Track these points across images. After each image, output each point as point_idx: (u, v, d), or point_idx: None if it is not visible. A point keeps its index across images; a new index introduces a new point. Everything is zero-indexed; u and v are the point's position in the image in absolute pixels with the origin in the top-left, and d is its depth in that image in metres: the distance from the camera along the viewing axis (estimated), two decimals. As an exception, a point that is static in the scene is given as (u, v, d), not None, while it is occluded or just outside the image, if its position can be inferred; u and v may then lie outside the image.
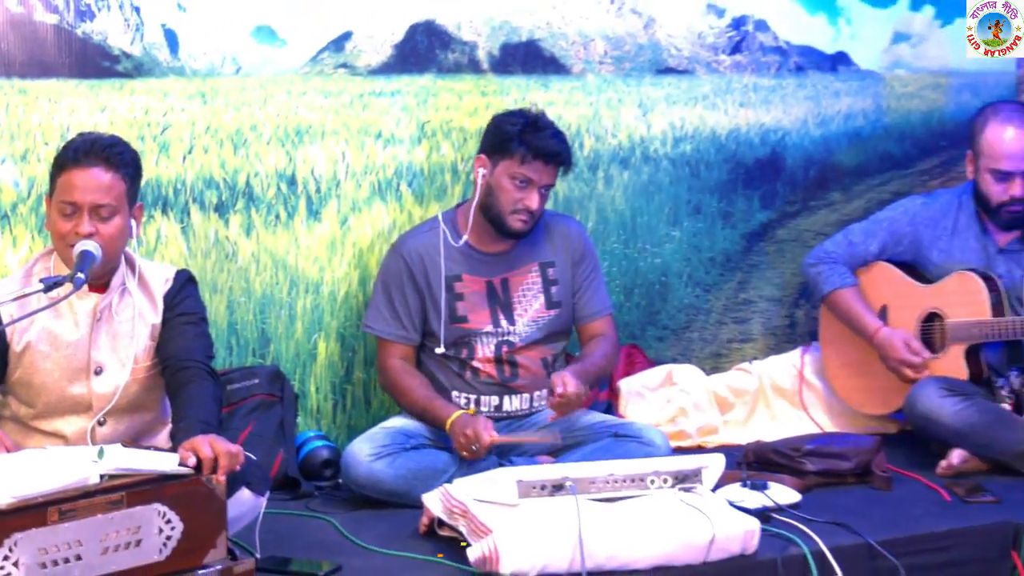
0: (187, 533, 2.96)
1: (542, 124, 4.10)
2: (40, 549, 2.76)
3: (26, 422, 3.49)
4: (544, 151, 4.04)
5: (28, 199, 4.05)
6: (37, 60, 4.06)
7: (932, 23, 5.59)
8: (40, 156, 4.00)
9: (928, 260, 4.74)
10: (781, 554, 3.59)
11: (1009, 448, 4.33)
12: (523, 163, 4.03)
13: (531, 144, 4.02)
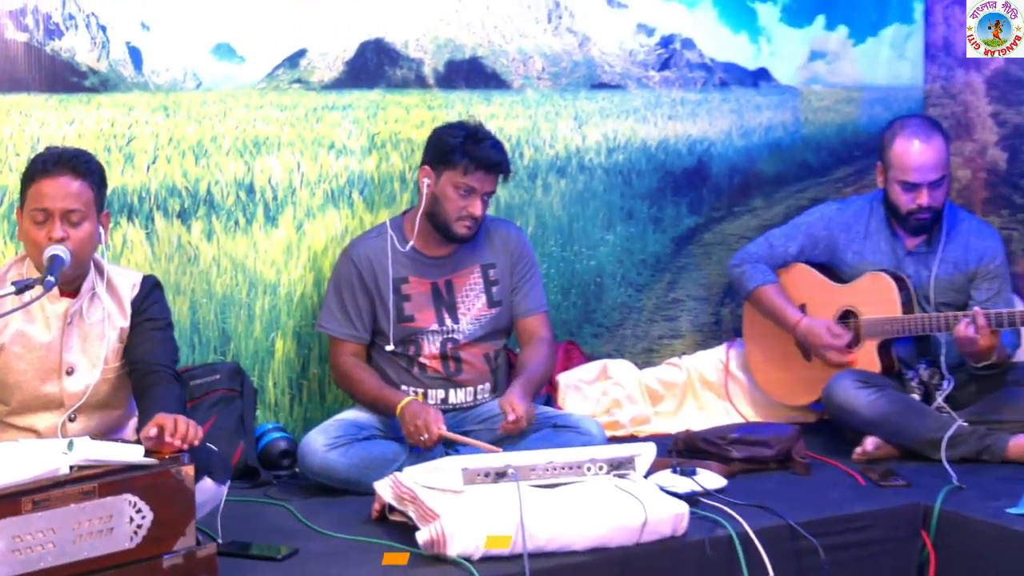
0: (157, 522, 2.95)
1: (482, 135, 4.10)
2: (15, 537, 2.74)
3: (0, 418, 3.47)
4: (485, 161, 4.05)
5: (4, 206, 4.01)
6: (8, 76, 4.03)
7: (846, 42, 5.62)
8: (12, 167, 3.97)
9: (843, 261, 4.78)
10: (709, 535, 3.60)
11: (918, 435, 4.37)
12: (466, 173, 4.03)
13: (472, 155, 4.03)
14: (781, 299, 4.78)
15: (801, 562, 3.72)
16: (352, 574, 3.31)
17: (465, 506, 3.37)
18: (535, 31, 4.97)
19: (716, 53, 5.35)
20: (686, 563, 3.58)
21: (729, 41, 5.36)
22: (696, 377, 5.13)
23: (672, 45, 5.25)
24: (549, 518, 3.40)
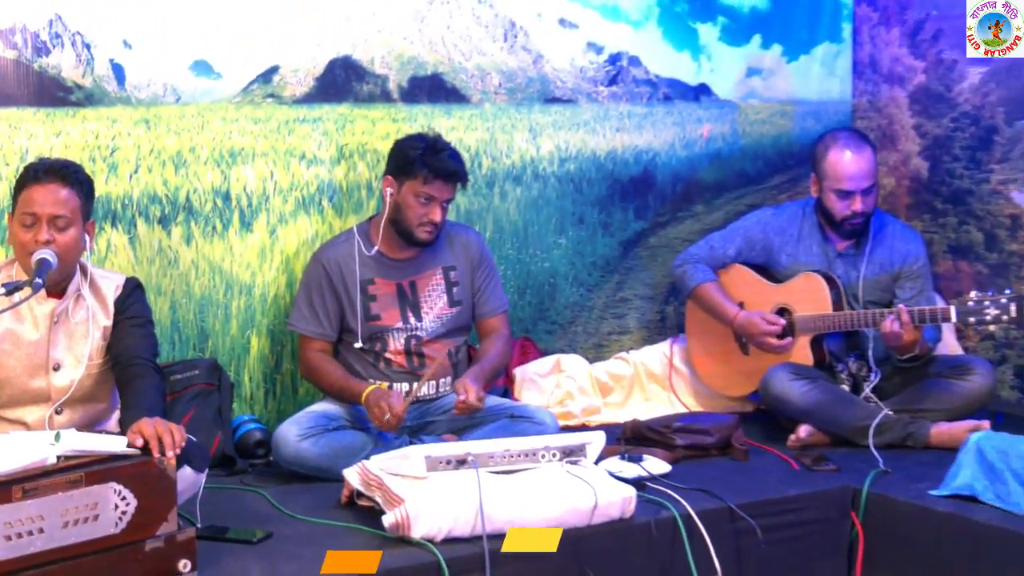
0: (140, 509, 2.94)
1: (440, 147, 4.10)
2: (5, 524, 2.73)
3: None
4: (443, 171, 4.05)
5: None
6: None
7: (780, 59, 5.64)
8: (1, 176, 3.95)
9: (777, 263, 4.80)
10: (655, 517, 3.62)
11: (848, 423, 4.40)
12: (425, 183, 4.03)
13: (431, 166, 4.03)
14: (720, 295, 4.80)
15: (740, 542, 3.74)
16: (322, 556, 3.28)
17: (428, 491, 3.38)
18: (492, 49, 4.97)
19: (660, 70, 5.37)
20: (634, 543, 3.59)
21: (672, 59, 5.38)
22: (642, 370, 5.14)
23: (619, 62, 5.27)
24: (506, 502, 3.41)
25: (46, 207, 3.30)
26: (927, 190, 5.56)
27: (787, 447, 4.41)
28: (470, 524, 3.34)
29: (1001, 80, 5.25)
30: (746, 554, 3.75)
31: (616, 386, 5.08)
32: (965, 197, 5.41)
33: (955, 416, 4.41)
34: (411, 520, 3.31)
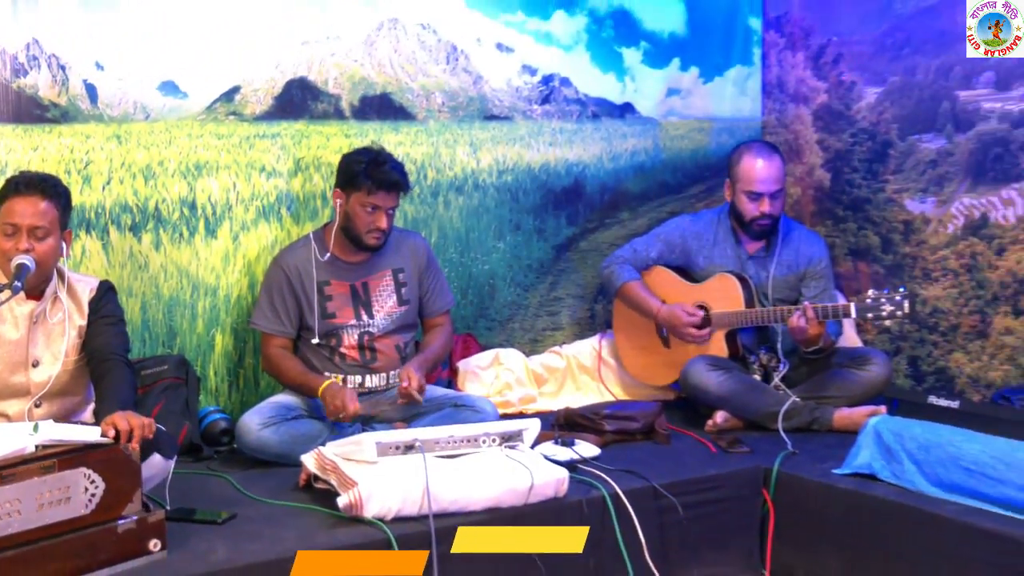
0: (108, 491, 2.93)
1: (382, 160, 4.09)
2: None
3: None
4: (386, 182, 4.05)
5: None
6: None
7: (697, 81, 5.67)
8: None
9: (695, 264, 4.81)
10: (586, 496, 3.62)
11: (759, 410, 4.42)
12: (370, 194, 4.03)
13: (375, 178, 4.02)
14: (644, 292, 4.81)
15: (663, 518, 3.75)
16: (283, 534, 3.27)
17: (379, 474, 3.36)
18: (436, 71, 4.96)
19: (589, 90, 5.38)
20: (567, 521, 3.57)
21: (599, 80, 5.39)
22: (574, 363, 5.14)
23: (552, 83, 5.27)
24: (451, 484, 3.40)
25: (26, 218, 3.28)
26: (829, 199, 5.61)
27: (705, 431, 4.42)
28: (417, 504, 3.34)
29: (895, 99, 5.30)
30: (669, 529, 3.76)
31: (550, 377, 5.08)
32: (863, 205, 5.46)
33: (855, 402, 4.45)
34: (363, 501, 3.30)
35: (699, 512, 3.83)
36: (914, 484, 3.69)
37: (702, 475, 3.91)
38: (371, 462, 3.42)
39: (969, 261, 5.03)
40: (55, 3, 4.05)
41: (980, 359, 4.99)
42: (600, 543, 3.62)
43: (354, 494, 3.32)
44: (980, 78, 4.95)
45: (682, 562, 3.79)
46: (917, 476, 3.69)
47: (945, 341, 5.13)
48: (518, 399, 4.84)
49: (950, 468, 3.62)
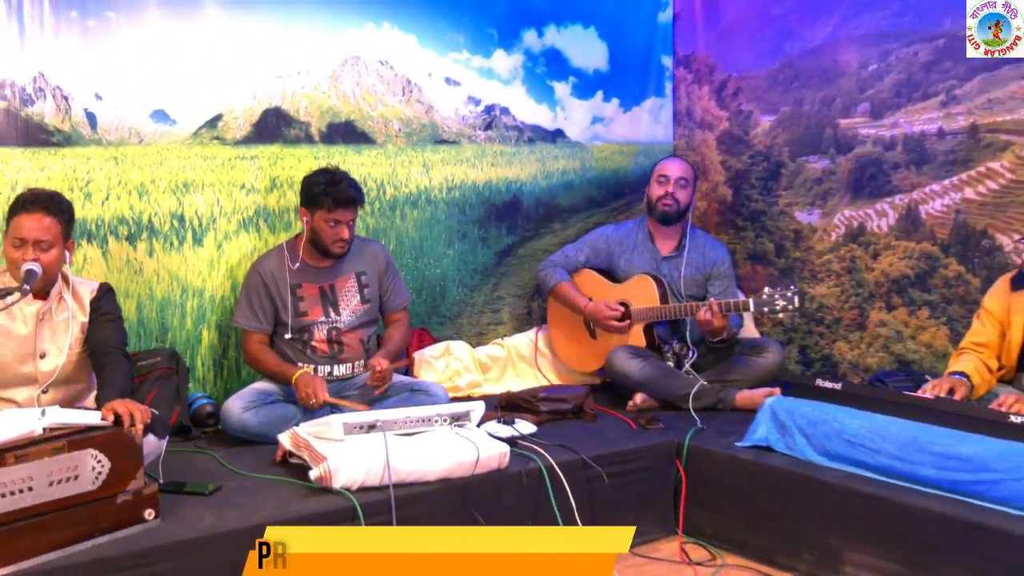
0: (113, 469, 2.92)
1: (338, 179, 4.08)
2: (1, 484, 2.69)
3: None
4: (343, 199, 4.04)
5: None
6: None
7: (618, 110, 5.69)
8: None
9: (617, 267, 4.85)
10: (524, 468, 3.63)
11: (673, 392, 4.45)
12: (331, 211, 4.03)
13: (334, 197, 4.02)
14: (573, 291, 4.83)
15: (591, 485, 3.76)
16: (261, 503, 3.25)
17: (345, 451, 3.36)
18: (393, 102, 4.95)
19: (525, 118, 5.38)
20: (508, 489, 3.59)
21: (534, 109, 5.40)
22: (514, 353, 5.15)
23: (493, 112, 5.27)
24: (408, 458, 3.40)
25: (32, 232, 3.28)
26: (731, 211, 5.65)
27: (626, 411, 4.45)
28: (379, 476, 3.34)
29: (786, 126, 5.36)
30: (596, 495, 3.77)
31: (493, 365, 5.08)
32: (759, 216, 5.51)
33: (754, 385, 4.49)
34: (332, 473, 3.30)
35: (622, 480, 3.85)
36: (804, 454, 3.73)
37: (624, 448, 3.93)
38: (338, 440, 3.42)
39: (849, 264, 5.10)
40: (59, 40, 4.01)
41: (859, 347, 5.05)
42: (537, 508, 3.62)
43: (324, 468, 3.32)
44: (858, 108, 5.01)
45: (607, 524, 3.80)
46: (807, 448, 3.73)
47: (829, 332, 5.19)
48: (466, 384, 4.84)
49: (834, 440, 3.66)
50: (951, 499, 3.31)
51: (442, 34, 5.04)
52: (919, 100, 4.78)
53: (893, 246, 4.90)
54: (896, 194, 4.88)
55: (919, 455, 3.42)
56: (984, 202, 4.56)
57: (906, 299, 4.85)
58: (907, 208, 4.84)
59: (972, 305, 4.50)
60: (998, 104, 4.49)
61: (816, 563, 3.60)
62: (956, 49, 4.61)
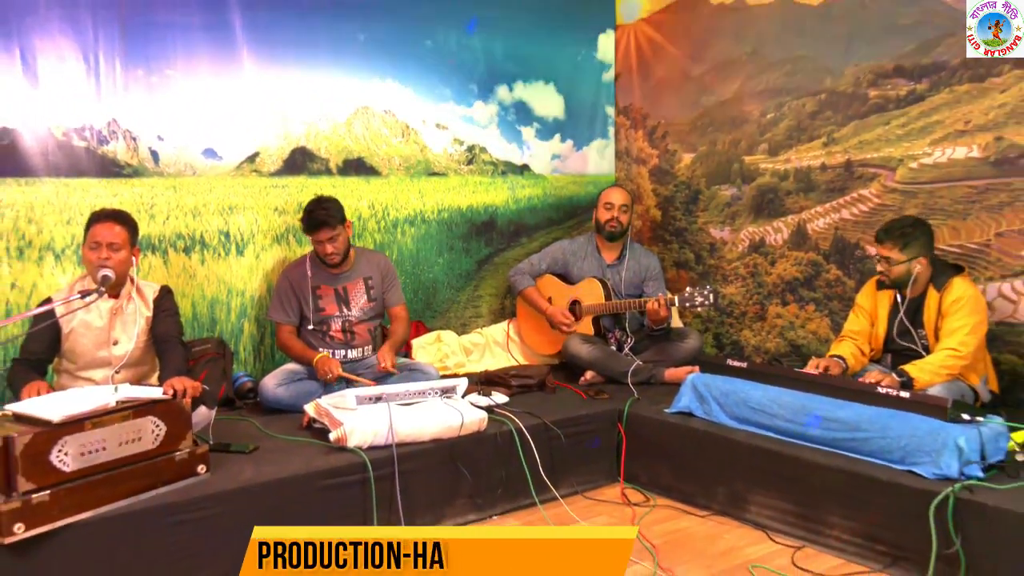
0: (168, 433, 2.92)
1: (308, 208, 4.03)
2: (80, 445, 2.71)
3: (72, 373, 3.37)
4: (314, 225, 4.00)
5: (71, 246, 3.85)
6: (75, 167, 3.90)
7: (572, 149, 5.69)
8: (78, 223, 3.79)
9: (571, 272, 4.85)
10: (499, 430, 3.64)
11: (615, 370, 4.46)
12: (311, 234, 4.04)
13: (307, 224, 4.02)
14: (536, 296, 4.84)
15: (551, 444, 3.76)
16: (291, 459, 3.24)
17: (357, 417, 3.36)
18: (395, 142, 4.93)
19: (499, 155, 5.37)
20: (486, 447, 3.59)
21: (506, 148, 5.39)
22: (491, 340, 5.13)
23: (473, 151, 5.26)
24: (407, 423, 3.40)
25: (105, 237, 3.27)
26: (661, 228, 5.67)
27: (579, 385, 4.45)
28: (384, 437, 3.34)
29: (703, 162, 5.38)
30: (555, 451, 3.78)
31: (474, 350, 5.07)
32: (683, 233, 5.53)
33: (679, 364, 4.51)
34: (347, 435, 3.30)
35: (575, 440, 3.86)
36: (718, 419, 3.75)
37: (577, 414, 3.94)
38: (352, 409, 3.41)
39: (752, 269, 5.12)
40: (128, 93, 3.99)
41: (760, 335, 5.08)
42: (508, 462, 3.63)
43: (341, 431, 3.32)
44: (759, 148, 5.04)
45: (564, 474, 3.81)
46: (720, 413, 3.75)
47: (737, 323, 5.22)
48: (453, 364, 4.82)
49: (741, 407, 3.68)
50: (831, 453, 3.34)
51: (433, 88, 5.02)
52: (806, 141, 4.82)
53: (786, 255, 4.93)
54: (788, 215, 4.92)
55: (808, 419, 3.44)
56: (857, 221, 4.60)
57: (797, 297, 4.89)
58: (797, 226, 4.87)
59: (848, 302, 4.54)
60: (867, 145, 4.53)
61: (727, 503, 3.62)
62: (835, 102, 4.65)
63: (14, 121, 3.74)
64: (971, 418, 3.16)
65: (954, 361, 3.53)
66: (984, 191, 4.08)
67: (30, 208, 3.79)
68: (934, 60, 4.23)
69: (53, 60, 3.79)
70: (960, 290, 3.61)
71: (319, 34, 4.53)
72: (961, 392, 3.55)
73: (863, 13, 4.50)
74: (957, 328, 3.56)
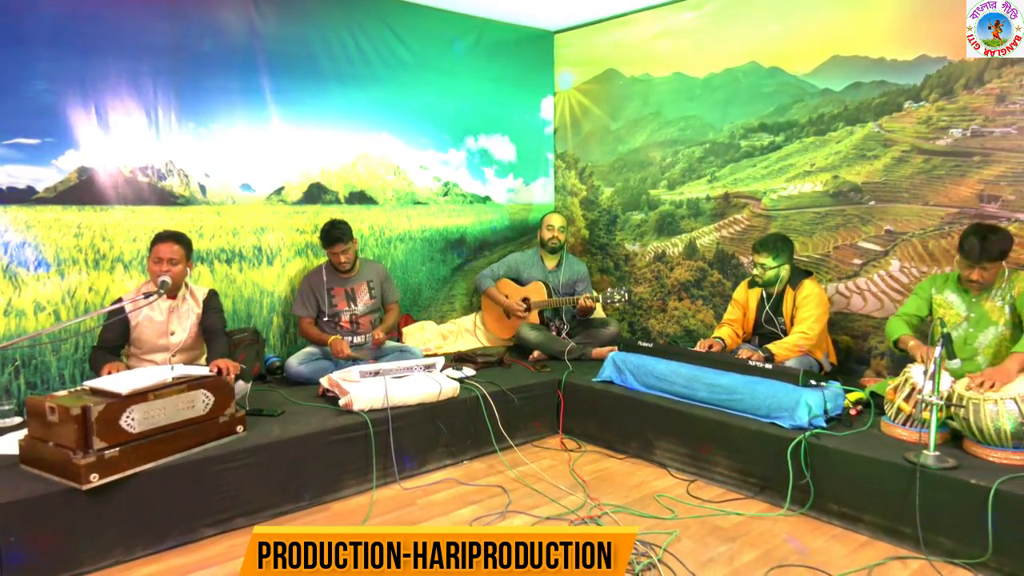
0: (216, 402, 2.85)
1: (327, 227, 3.98)
2: (145, 412, 2.64)
3: (138, 356, 3.28)
4: (331, 240, 3.96)
5: (137, 259, 3.71)
6: (139, 197, 3.76)
7: (522, 185, 5.64)
8: (143, 240, 3.68)
9: (522, 277, 4.81)
10: (468, 396, 3.60)
11: (555, 350, 4.44)
12: (328, 248, 3.98)
13: (326, 240, 3.97)
14: (496, 293, 4.79)
15: (508, 407, 3.73)
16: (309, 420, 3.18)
17: (360, 387, 3.30)
18: (389, 179, 4.84)
19: (467, 189, 5.31)
20: (459, 408, 3.55)
21: (473, 184, 5.33)
22: (462, 327, 5.08)
23: (448, 186, 5.19)
24: (398, 391, 3.35)
25: (166, 254, 3.18)
26: (589, 244, 5.66)
27: (528, 361, 4.41)
28: (381, 402, 3.29)
29: (619, 194, 5.39)
30: (511, 412, 3.75)
31: (450, 335, 5.01)
32: (605, 247, 5.53)
33: (603, 344, 4.51)
34: (353, 402, 3.24)
35: (526, 403, 3.83)
36: (632, 386, 3.75)
37: (527, 383, 3.91)
38: (356, 381, 3.35)
39: (656, 274, 5.14)
40: (181, 139, 3.87)
41: (663, 323, 5.10)
42: (475, 420, 3.59)
43: (348, 398, 3.26)
44: (660, 183, 5.06)
45: (517, 428, 3.79)
46: (633, 381, 3.76)
47: (646, 314, 5.23)
48: (433, 347, 4.76)
49: (649, 377, 3.68)
50: (716, 410, 3.36)
51: (418, 139, 4.95)
52: (695, 179, 4.85)
53: (681, 263, 4.96)
54: (683, 233, 4.94)
55: (697, 384, 3.46)
56: (733, 238, 4.64)
57: (689, 294, 4.92)
58: (689, 242, 4.90)
59: (726, 298, 4.58)
60: (740, 181, 4.57)
61: (639, 448, 3.63)
62: (716, 150, 4.68)
63: (91, 161, 3.60)
64: (817, 383, 3.20)
65: (804, 342, 3.58)
66: (825, 216, 4.14)
67: (104, 229, 3.65)
68: (788, 119, 4.29)
69: (121, 114, 3.67)
70: (809, 289, 3.67)
71: (331, 97, 4.45)
72: (810, 364, 3.60)
73: (736, 84, 4.54)
74: (806, 318, 3.61)
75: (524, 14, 5.19)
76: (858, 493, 2.78)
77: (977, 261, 2.95)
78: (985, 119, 3.47)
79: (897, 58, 3.75)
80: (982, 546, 2.45)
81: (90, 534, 2.49)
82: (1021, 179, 3.38)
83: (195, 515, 2.73)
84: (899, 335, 3.18)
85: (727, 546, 2.65)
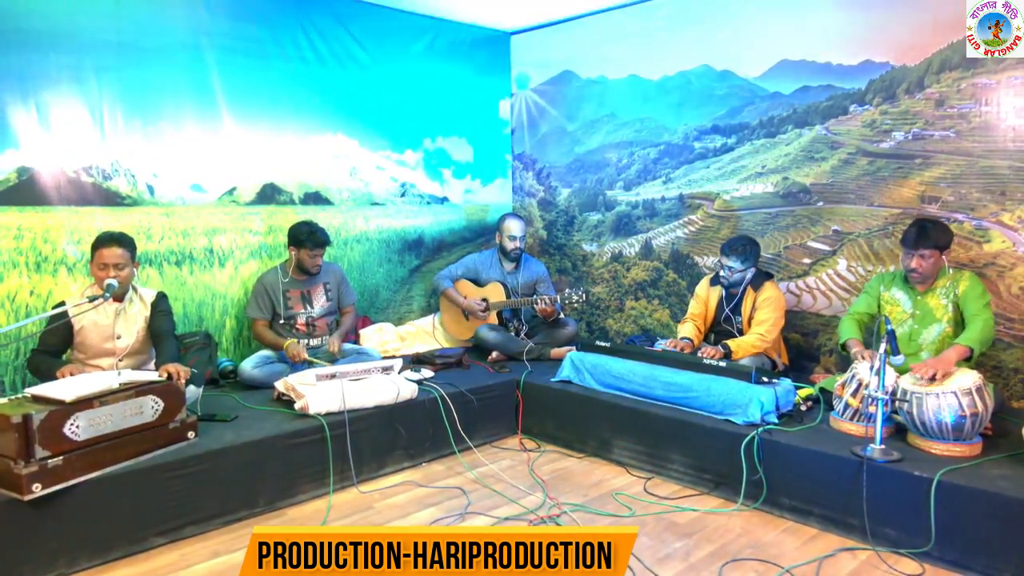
0: (165, 408, 2.78)
1: (315, 229, 3.97)
2: (90, 419, 2.56)
3: (82, 361, 3.16)
4: (318, 243, 3.94)
5: (80, 261, 3.59)
6: (83, 198, 3.65)
7: (480, 185, 5.64)
8: (86, 242, 3.55)
9: (480, 278, 4.80)
10: (427, 398, 3.59)
11: (514, 350, 4.45)
12: (311, 250, 3.93)
13: (312, 241, 3.92)
14: (455, 294, 4.76)
15: (467, 407, 3.73)
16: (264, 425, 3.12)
17: (317, 391, 3.26)
18: (345, 179, 4.79)
19: (425, 190, 5.29)
20: (417, 412, 3.53)
21: (430, 184, 5.31)
22: (420, 329, 5.04)
23: (405, 186, 5.15)
24: (356, 394, 3.32)
25: (111, 259, 3.08)
26: (547, 244, 5.69)
27: (487, 362, 4.41)
28: (338, 406, 3.25)
29: (576, 194, 5.43)
30: (470, 413, 3.75)
31: (408, 337, 4.97)
32: (563, 248, 5.56)
33: (561, 344, 4.53)
34: (309, 405, 3.18)
35: (485, 404, 3.83)
36: (590, 385, 3.78)
37: (486, 384, 3.91)
38: (312, 384, 3.30)
39: (614, 274, 5.20)
40: (128, 138, 3.77)
41: (620, 322, 5.16)
42: (434, 422, 3.58)
43: (304, 402, 3.21)
44: (617, 184, 5.11)
45: (477, 429, 3.79)
46: (591, 380, 3.78)
47: (603, 314, 5.28)
48: (391, 348, 4.72)
49: (606, 376, 3.72)
50: (672, 408, 3.41)
51: (374, 139, 4.91)
52: (651, 180, 4.91)
53: (638, 263, 5.02)
54: (639, 234, 5.00)
55: (654, 383, 3.50)
56: (688, 238, 4.72)
57: (646, 294, 4.98)
58: (645, 242, 4.96)
59: (682, 298, 4.64)
60: (694, 183, 4.65)
61: (597, 447, 3.66)
62: (671, 151, 4.75)
63: (32, 161, 3.48)
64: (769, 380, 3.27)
65: (761, 343, 3.66)
66: (776, 216, 4.24)
67: (46, 230, 3.53)
68: (739, 122, 4.38)
69: (64, 112, 3.55)
70: (769, 291, 3.75)
71: (285, 97, 4.38)
72: (763, 362, 3.68)
73: (689, 87, 4.62)
74: (764, 320, 3.69)
75: (480, 15, 5.19)
76: (808, 487, 2.85)
77: (914, 246, 3.07)
78: (925, 123, 3.60)
79: (843, 62, 3.87)
80: (925, 536, 2.53)
81: (31, 546, 2.41)
82: (960, 181, 3.52)
83: (144, 524, 2.65)
84: (846, 339, 3.28)
85: (683, 542, 2.69)
